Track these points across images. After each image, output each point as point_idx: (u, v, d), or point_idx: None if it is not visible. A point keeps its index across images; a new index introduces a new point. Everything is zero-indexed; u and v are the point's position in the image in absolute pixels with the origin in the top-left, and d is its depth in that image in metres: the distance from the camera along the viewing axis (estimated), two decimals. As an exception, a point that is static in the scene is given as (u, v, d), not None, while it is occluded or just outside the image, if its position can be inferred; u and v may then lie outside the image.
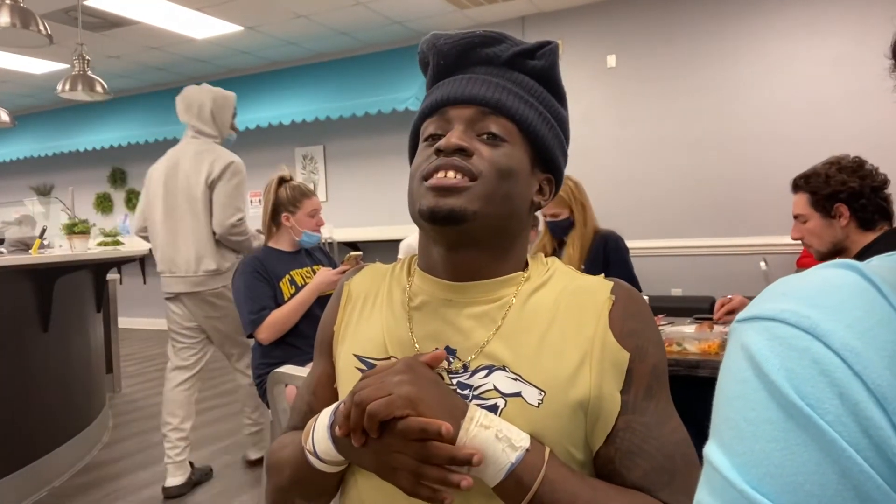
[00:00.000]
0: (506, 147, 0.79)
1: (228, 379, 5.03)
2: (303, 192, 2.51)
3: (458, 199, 0.75)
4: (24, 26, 3.29)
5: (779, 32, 4.75)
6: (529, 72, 0.83)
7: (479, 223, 0.77)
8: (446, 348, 0.79)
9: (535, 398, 0.73)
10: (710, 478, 0.34)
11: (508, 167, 0.78)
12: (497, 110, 0.79)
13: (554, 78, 0.85)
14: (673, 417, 0.76)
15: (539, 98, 0.83)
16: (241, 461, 3.26)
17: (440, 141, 0.78)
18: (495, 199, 0.77)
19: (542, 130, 0.82)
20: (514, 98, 0.80)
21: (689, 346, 1.85)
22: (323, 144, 6.96)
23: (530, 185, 0.83)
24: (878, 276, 0.35)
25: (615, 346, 0.75)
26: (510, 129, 0.80)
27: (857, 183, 1.80)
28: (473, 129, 0.79)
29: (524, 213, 0.83)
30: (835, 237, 1.85)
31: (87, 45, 4.67)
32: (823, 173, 1.87)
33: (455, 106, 0.80)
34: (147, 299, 8.17)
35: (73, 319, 3.34)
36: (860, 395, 0.31)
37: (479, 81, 0.81)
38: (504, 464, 0.67)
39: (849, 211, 1.82)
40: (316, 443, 0.74)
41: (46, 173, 8.77)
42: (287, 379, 1.53)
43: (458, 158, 0.77)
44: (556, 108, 0.85)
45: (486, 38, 0.82)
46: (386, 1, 5.22)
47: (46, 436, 3.03)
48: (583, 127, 5.40)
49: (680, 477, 0.72)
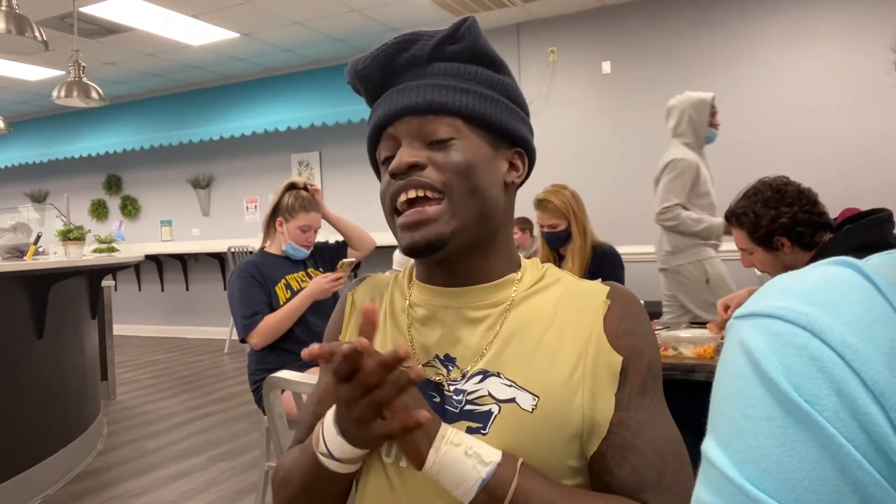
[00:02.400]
0: (456, 144, 0.77)
1: (222, 387, 5.02)
2: (303, 204, 2.49)
3: (431, 228, 0.75)
4: (19, 32, 3.28)
5: (773, 39, 4.78)
6: (456, 57, 0.81)
7: (462, 236, 0.77)
8: (446, 356, 0.79)
9: (529, 403, 0.73)
10: (709, 474, 0.34)
11: (465, 163, 0.76)
12: (432, 111, 0.78)
13: (483, 51, 0.82)
14: (666, 416, 0.77)
15: (475, 78, 0.80)
16: (236, 468, 3.24)
17: (392, 164, 0.77)
18: (466, 202, 0.76)
19: (487, 109, 0.79)
20: (445, 92, 0.78)
21: (684, 350, 1.85)
22: (319, 150, 6.96)
23: (497, 168, 0.81)
24: (877, 273, 0.35)
25: (608, 351, 0.75)
26: (454, 124, 0.78)
27: (788, 213, 1.77)
28: (420, 139, 0.78)
29: (499, 198, 0.81)
30: (784, 263, 1.84)
31: (83, 52, 4.67)
32: (751, 212, 1.83)
33: (393, 123, 0.79)
34: (142, 306, 8.15)
35: (67, 326, 3.32)
36: (858, 391, 0.31)
37: (407, 90, 0.79)
38: (475, 480, 0.67)
39: (789, 241, 1.80)
40: (328, 442, 0.73)
41: (41, 180, 8.75)
42: (283, 384, 1.52)
43: (414, 177, 0.76)
44: (496, 79, 0.82)
45: (400, 44, 0.81)
46: (381, 8, 5.23)
47: (40, 443, 3.01)
48: (578, 133, 5.42)
49: (669, 475, 0.72)
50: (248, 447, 3.52)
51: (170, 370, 5.76)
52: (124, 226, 8.20)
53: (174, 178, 7.83)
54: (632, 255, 5.16)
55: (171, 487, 3.01)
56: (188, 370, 5.73)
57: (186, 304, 7.86)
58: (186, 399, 4.67)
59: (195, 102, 7.30)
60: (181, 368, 5.81)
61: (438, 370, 0.79)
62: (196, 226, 7.78)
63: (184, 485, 3.03)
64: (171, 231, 7.96)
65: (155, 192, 8.04)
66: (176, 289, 7.94)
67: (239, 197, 7.49)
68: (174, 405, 4.51)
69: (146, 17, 5.24)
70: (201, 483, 3.05)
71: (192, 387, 5.06)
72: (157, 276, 8.00)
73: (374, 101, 0.84)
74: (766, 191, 1.83)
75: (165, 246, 7.89)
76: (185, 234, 7.87)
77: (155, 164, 7.93)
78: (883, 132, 4.46)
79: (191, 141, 7.07)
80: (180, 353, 6.57)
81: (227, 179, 7.55)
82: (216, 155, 7.51)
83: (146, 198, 8.13)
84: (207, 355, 6.43)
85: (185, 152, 7.58)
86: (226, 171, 7.55)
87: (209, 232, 7.68)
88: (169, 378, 5.42)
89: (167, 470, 3.23)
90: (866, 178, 4.42)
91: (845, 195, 4.31)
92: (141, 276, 8.13)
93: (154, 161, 7.91)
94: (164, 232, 8.01)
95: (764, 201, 1.82)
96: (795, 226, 1.77)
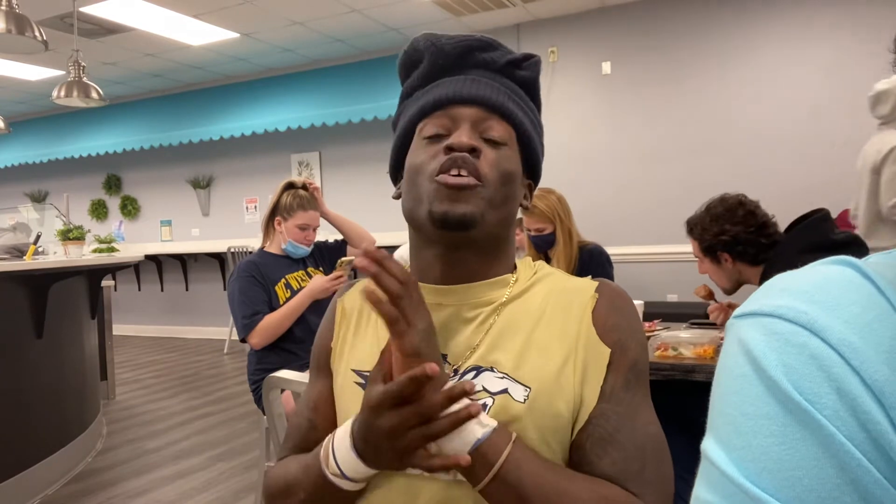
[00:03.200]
0: (506, 150, 0.81)
1: (222, 387, 5.02)
2: (301, 203, 2.50)
3: (469, 205, 0.76)
4: (19, 32, 3.28)
5: (772, 39, 4.78)
6: (518, 80, 0.86)
7: (483, 228, 0.78)
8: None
9: (521, 394, 0.74)
10: (708, 473, 0.34)
11: (509, 171, 0.80)
12: (500, 113, 0.81)
13: (537, 89, 0.89)
14: (648, 412, 0.77)
15: (529, 106, 0.87)
16: (236, 468, 3.24)
17: (450, 139, 0.78)
18: (497, 203, 0.79)
19: (534, 137, 0.85)
20: (513, 103, 0.83)
21: (684, 350, 1.85)
22: (318, 151, 6.96)
23: (520, 190, 0.85)
24: (876, 272, 0.35)
25: (597, 343, 0.76)
26: (510, 133, 0.82)
27: (731, 232, 1.88)
28: (477, 129, 0.80)
29: (515, 217, 0.86)
30: (730, 276, 1.95)
31: (83, 52, 4.67)
32: (700, 225, 1.96)
33: (459, 105, 0.81)
34: (141, 306, 8.15)
35: (67, 326, 3.32)
36: (858, 390, 0.31)
37: (483, 83, 0.82)
38: (471, 438, 0.68)
39: (730, 257, 1.91)
40: (341, 463, 0.73)
41: (41, 180, 8.75)
42: (283, 384, 1.52)
43: (469, 157, 0.77)
44: (538, 117, 0.89)
45: (483, 42, 0.84)
46: (381, 8, 5.23)
47: (40, 443, 3.01)
48: (578, 133, 5.42)
49: (650, 468, 0.72)
50: (248, 447, 3.52)
51: (169, 370, 5.76)
52: (124, 226, 8.21)
53: (174, 179, 7.83)
54: (630, 255, 5.17)
55: (171, 487, 3.01)
56: (188, 370, 5.73)
57: (186, 305, 7.86)
58: (186, 399, 4.67)
59: (195, 102, 7.30)
60: (181, 368, 5.81)
61: None
62: (196, 226, 7.78)
63: (183, 485, 3.03)
64: (171, 231, 7.96)
65: (155, 193, 8.04)
66: (176, 289, 7.94)
67: (239, 197, 7.49)
68: (174, 405, 4.51)
69: (146, 17, 5.24)
70: (201, 483, 3.05)
71: (192, 387, 5.06)
72: (157, 276, 8.00)
73: (430, 78, 0.85)
74: (718, 207, 1.94)
75: (165, 246, 7.89)
76: (184, 235, 7.87)
77: (155, 165, 7.93)
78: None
79: (191, 141, 7.07)
80: (180, 354, 6.57)
81: (226, 179, 7.55)
82: (216, 155, 7.51)
83: (146, 198, 8.13)
84: (207, 355, 6.43)
85: (185, 152, 7.58)
86: (226, 172, 7.55)
87: (209, 232, 7.68)
88: (168, 378, 5.42)
89: (167, 470, 3.23)
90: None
91: (844, 195, 4.31)
92: (141, 276, 8.13)
93: (154, 161, 7.91)
94: (164, 232, 8.01)
95: (714, 216, 1.93)
96: (737, 244, 1.88)
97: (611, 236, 2.96)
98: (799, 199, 3.54)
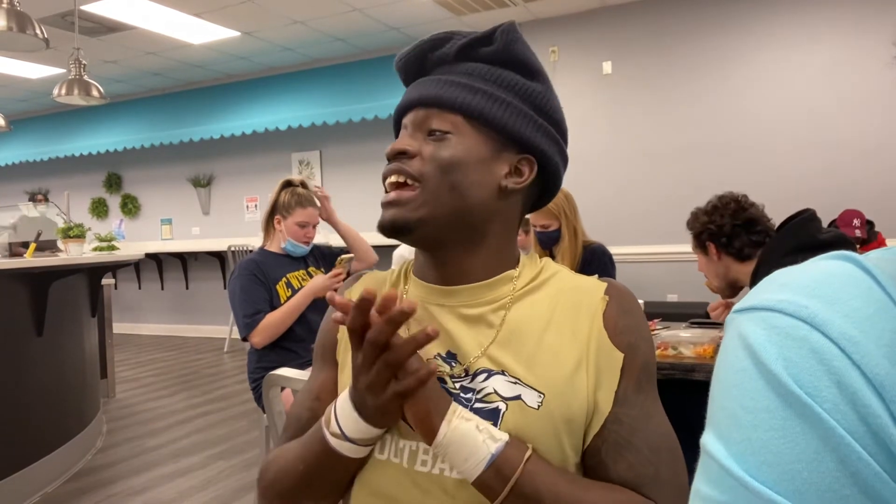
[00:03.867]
0: (450, 139, 0.79)
1: (222, 385, 5.02)
2: (299, 200, 2.50)
3: (399, 211, 0.78)
4: (20, 30, 3.28)
5: (773, 40, 4.78)
6: (486, 59, 0.83)
7: (431, 226, 0.78)
8: (448, 353, 0.79)
9: (535, 401, 0.73)
10: (708, 467, 0.34)
11: (449, 159, 0.78)
12: (436, 105, 0.80)
13: (515, 56, 0.82)
14: (660, 412, 0.77)
15: (496, 80, 0.81)
16: (235, 467, 3.24)
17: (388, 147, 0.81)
18: (441, 196, 0.78)
19: (490, 110, 0.79)
20: (452, 88, 0.80)
21: (684, 350, 1.85)
22: (319, 150, 6.97)
23: (493, 170, 0.80)
24: (876, 266, 0.35)
25: (609, 347, 0.76)
26: (455, 121, 0.79)
27: (717, 223, 1.91)
28: (422, 130, 0.81)
29: (489, 201, 0.80)
30: (718, 272, 1.97)
31: (84, 50, 4.67)
32: (695, 217, 2.00)
33: (406, 114, 0.83)
34: (142, 304, 8.15)
35: (67, 324, 3.32)
36: (858, 383, 0.31)
37: (424, 83, 0.83)
38: (485, 454, 0.68)
39: (715, 247, 1.94)
40: (341, 420, 0.73)
41: (42, 178, 8.75)
42: (283, 382, 1.52)
43: (401, 162, 0.79)
44: (521, 84, 0.82)
45: (434, 41, 0.84)
46: (382, 7, 5.23)
47: (40, 441, 3.01)
48: (578, 133, 5.42)
49: (665, 471, 0.73)
50: (248, 445, 3.53)
51: (169, 368, 5.76)
52: (124, 224, 8.21)
53: (174, 177, 7.83)
54: (630, 255, 5.17)
55: (171, 486, 3.01)
56: (188, 368, 5.73)
57: (186, 303, 7.86)
58: (186, 397, 4.67)
59: (196, 101, 7.31)
60: (181, 367, 5.81)
61: (440, 366, 0.79)
62: (196, 224, 7.79)
63: (183, 483, 3.04)
64: (172, 229, 7.96)
65: (155, 191, 8.04)
66: (176, 287, 7.94)
67: (239, 196, 7.49)
68: (174, 403, 4.51)
69: (147, 16, 5.25)
70: (200, 481, 3.05)
71: (192, 385, 5.06)
72: (157, 274, 8.00)
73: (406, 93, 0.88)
74: (713, 201, 1.99)
75: (165, 244, 7.89)
76: (185, 233, 7.87)
77: (155, 163, 7.94)
78: (882, 132, 4.46)
79: (191, 139, 7.07)
80: (180, 352, 6.57)
81: (227, 178, 7.56)
82: (216, 154, 7.52)
83: (146, 196, 8.13)
84: (207, 354, 6.43)
85: (186, 151, 7.59)
86: (226, 170, 7.55)
87: (209, 231, 7.68)
88: (168, 376, 5.42)
89: (166, 468, 3.23)
90: (867, 178, 4.42)
91: (845, 196, 4.31)
92: (141, 274, 8.13)
93: (154, 159, 7.91)
94: (165, 230, 8.01)
95: (707, 209, 1.97)
96: (721, 235, 1.91)
97: (611, 236, 2.97)
98: (799, 199, 3.54)
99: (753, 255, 1.90)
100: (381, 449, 0.77)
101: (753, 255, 1.90)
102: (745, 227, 1.91)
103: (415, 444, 0.75)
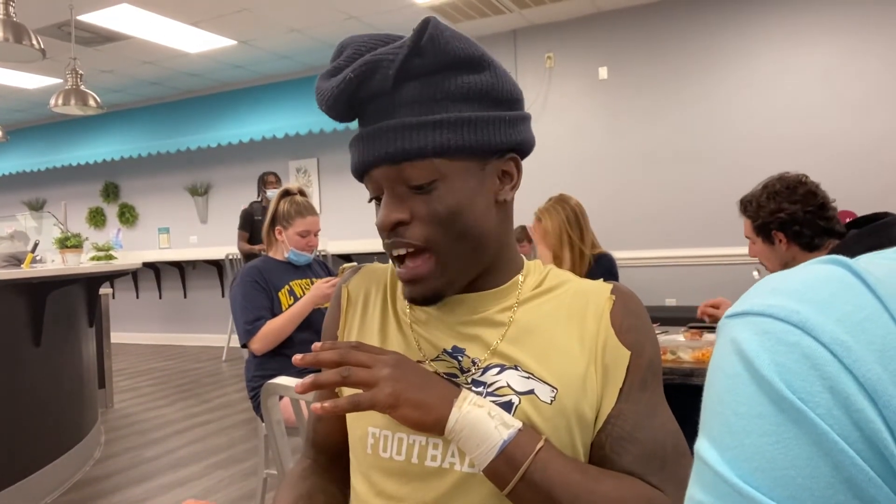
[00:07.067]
0: (438, 187, 0.74)
1: (220, 394, 5.01)
2: (298, 210, 2.50)
3: (427, 285, 0.77)
4: (16, 41, 3.29)
5: (769, 44, 4.80)
6: (424, 70, 0.74)
7: (459, 281, 0.79)
8: (454, 348, 0.79)
9: (548, 395, 0.74)
10: (701, 473, 0.34)
11: (449, 210, 0.74)
12: (407, 158, 0.73)
13: (452, 57, 0.73)
14: (665, 410, 0.78)
15: (447, 96, 0.73)
16: (235, 476, 3.23)
17: (378, 219, 0.77)
18: (455, 249, 0.76)
19: (467, 138, 0.73)
20: (416, 134, 0.72)
21: (683, 354, 1.86)
22: (317, 157, 6.97)
23: (485, 192, 0.77)
24: (866, 271, 0.35)
25: (616, 344, 0.77)
26: (433, 167, 0.73)
27: (788, 210, 1.78)
28: (401, 184, 0.75)
29: (494, 222, 0.78)
30: (782, 259, 1.84)
31: (81, 60, 4.68)
32: (756, 201, 1.85)
33: (370, 170, 0.76)
34: (139, 314, 8.13)
35: (65, 334, 3.32)
36: (851, 388, 0.31)
37: (377, 136, 0.74)
38: (497, 440, 0.68)
39: (785, 237, 1.80)
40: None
41: (39, 188, 8.75)
42: (281, 391, 1.52)
43: (399, 236, 0.76)
44: (471, 86, 0.74)
45: (360, 76, 0.74)
46: (379, 15, 5.25)
47: (38, 452, 3.00)
48: (575, 138, 5.44)
49: (671, 465, 0.73)
50: (247, 455, 3.52)
51: (168, 378, 5.74)
52: (122, 233, 8.20)
53: (172, 186, 7.83)
54: (628, 259, 5.17)
55: (170, 496, 3.00)
56: (186, 378, 5.71)
57: (184, 312, 7.84)
58: (184, 407, 4.65)
59: (193, 110, 7.31)
60: (179, 376, 5.80)
61: (449, 363, 0.79)
62: (194, 233, 7.78)
63: (182, 493, 3.02)
64: (169, 238, 7.95)
65: (153, 200, 8.04)
66: (174, 296, 7.93)
67: (237, 204, 7.47)
68: (172, 413, 4.50)
69: (144, 25, 5.25)
70: (200, 491, 3.04)
71: (190, 394, 5.04)
72: (155, 283, 7.99)
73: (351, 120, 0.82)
74: (776, 184, 1.84)
75: (163, 253, 7.88)
76: (182, 242, 7.86)
77: (152, 172, 7.94)
78: (879, 135, 4.47)
79: (188, 148, 7.08)
80: (178, 361, 6.56)
81: (224, 187, 7.55)
82: (214, 162, 7.52)
83: (144, 205, 8.13)
84: (205, 363, 6.41)
85: (183, 160, 7.59)
86: (224, 179, 7.55)
87: (207, 239, 7.67)
88: (167, 386, 5.41)
89: (165, 478, 3.22)
90: (865, 180, 4.43)
91: (840, 199, 4.31)
92: (139, 283, 8.12)
93: (152, 169, 7.91)
94: (162, 239, 8.00)
95: (771, 194, 1.82)
96: (794, 223, 1.77)
97: (608, 241, 2.96)
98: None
99: (822, 246, 1.79)
100: (384, 447, 0.78)
101: (822, 244, 1.79)
102: (816, 212, 1.78)
103: (424, 440, 0.76)
